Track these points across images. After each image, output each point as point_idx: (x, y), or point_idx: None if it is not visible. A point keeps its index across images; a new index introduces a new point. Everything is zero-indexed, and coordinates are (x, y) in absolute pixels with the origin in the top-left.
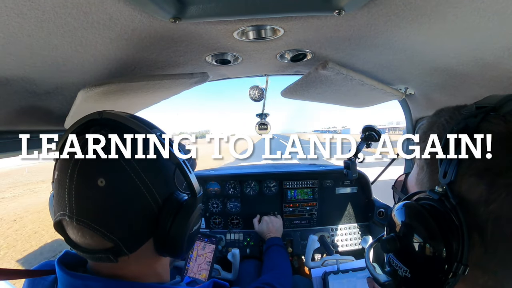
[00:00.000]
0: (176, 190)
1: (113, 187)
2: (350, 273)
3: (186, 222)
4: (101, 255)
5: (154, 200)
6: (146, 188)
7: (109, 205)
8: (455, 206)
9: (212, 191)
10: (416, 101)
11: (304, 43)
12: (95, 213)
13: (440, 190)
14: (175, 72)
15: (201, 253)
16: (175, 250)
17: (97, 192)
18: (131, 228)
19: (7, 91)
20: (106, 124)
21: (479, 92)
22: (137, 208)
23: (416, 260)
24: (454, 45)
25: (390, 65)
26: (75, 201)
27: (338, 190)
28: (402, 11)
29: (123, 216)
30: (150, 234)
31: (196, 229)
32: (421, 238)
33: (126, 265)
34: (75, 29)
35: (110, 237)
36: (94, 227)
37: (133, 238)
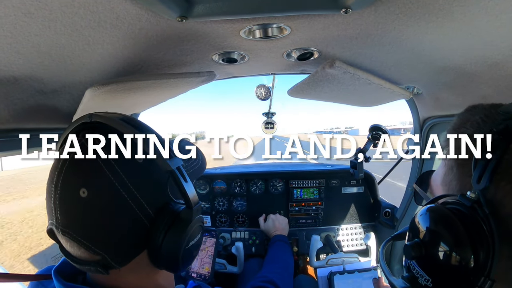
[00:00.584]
0: (170, 201)
1: (96, 198)
2: (356, 274)
3: (179, 237)
4: (90, 267)
5: (143, 212)
6: (133, 199)
7: (93, 217)
8: (488, 215)
9: (218, 189)
10: (424, 100)
11: (311, 41)
12: (78, 225)
13: (473, 196)
14: (182, 71)
15: (202, 247)
16: (170, 266)
17: (80, 203)
18: (118, 241)
19: (15, 89)
20: (96, 128)
21: (487, 92)
22: (124, 220)
23: (440, 270)
24: (462, 44)
25: (398, 64)
26: (59, 211)
27: (345, 189)
28: (409, 10)
29: (108, 229)
30: (142, 247)
31: (194, 244)
32: (448, 247)
33: (122, 277)
34: (82, 28)
35: (95, 251)
36: (78, 240)
37: (121, 252)
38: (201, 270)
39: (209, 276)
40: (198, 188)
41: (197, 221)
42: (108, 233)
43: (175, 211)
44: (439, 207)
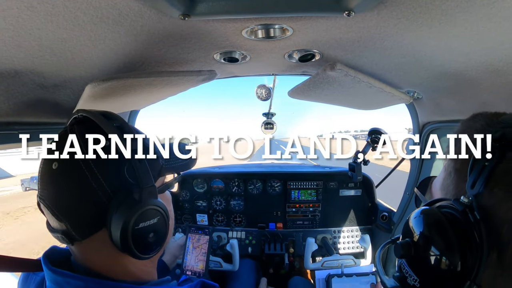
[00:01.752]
0: (128, 183)
1: (63, 171)
2: (354, 278)
3: (126, 215)
4: (57, 235)
5: (101, 189)
6: (92, 176)
7: (59, 187)
8: (478, 221)
9: (216, 188)
10: (424, 105)
11: (313, 43)
12: (50, 194)
13: (466, 201)
14: (183, 69)
15: (196, 245)
16: (124, 247)
17: (51, 174)
18: (78, 213)
19: (16, 83)
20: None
21: (488, 98)
22: (84, 195)
23: (428, 271)
24: (464, 49)
25: (399, 68)
26: (40, 183)
27: (342, 192)
28: (412, 14)
29: (71, 200)
30: (101, 224)
31: (146, 226)
32: (437, 249)
33: (90, 254)
34: (84, 23)
35: (60, 218)
36: (49, 207)
37: (81, 223)
38: (195, 268)
39: (204, 274)
40: (196, 186)
41: (150, 203)
42: (70, 203)
43: (129, 192)
44: (432, 210)
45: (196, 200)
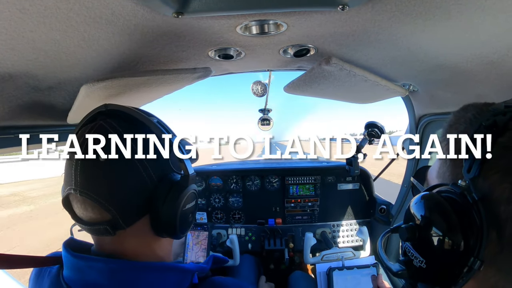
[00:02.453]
0: (171, 171)
1: (113, 163)
2: (355, 270)
3: (176, 200)
4: (100, 227)
5: (149, 177)
6: (142, 166)
7: (108, 178)
8: (476, 201)
9: (214, 186)
10: (420, 98)
11: (308, 38)
12: (96, 185)
13: (463, 185)
14: (177, 67)
15: (196, 241)
16: (169, 227)
17: (99, 167)
18: (127, 201)
19: (10, 86)
20: (110, 114)
21: (483, 90)
22: (134, 183)
23: (433, 252)
24: (459, 42)
25: (394, 62)
26: (80, 175)
27: (340, 186)
28: (406, 7)
29: (121, 189)
30: (145, 210)
31: (189, 207)
32: (440, 230)
33: (125, 242)
34: (78, 24)
35: (108, 208)
36: (95, 198)
37: (129, 211)
38: None
39: None
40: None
41: (192, 188)
42: (119, 192)
43: (174, 179)
44: (432, 194)
45: None
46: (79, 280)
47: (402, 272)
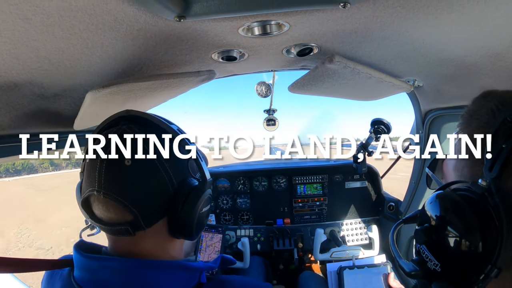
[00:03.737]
0: (189, 176)
1: (138, 167)
2: (366, 269)
3: (195, 204)
4: (121, 227)
5: (170, 181)
6: (164, 170)
7: (132, 181)
8: (497, 204)
9: (222, 187)
10: (425, 93)
11: (310, 37)
12: (120, 187)
13: (484, 184)
14: (181, 70)
15: (209, 243)
16: (185, 229)
17: (124, 170)
18: (149, 203)
19: (16, 95)
20: (132, 120)
21: (488, 83)
22: (156, 186)
23: (449, 255)
24: (462, 35)
25: (398, 57)
26: (104, 177)
27: (348, 184)
28: (408, 2)
29: (143, 192)
30: (165, 212)
31: (205, 211)
32: (457, 233)
33: (141, 242)
34: (81, 32)
35: (131, 209)
36: (118, 199)
37: (150, 213)
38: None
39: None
40: None
41: (208, 192)
42: (143, 194)
43: (192, 184)
44: (450, 194)
45: None
46: (91, 280)
47: (415, 273)
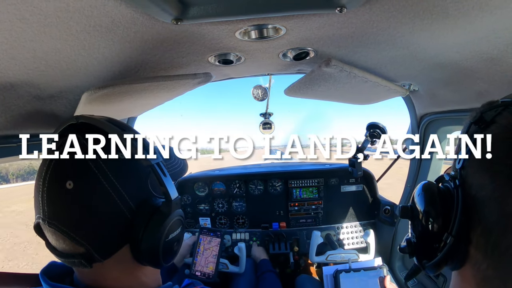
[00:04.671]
0: (151, 195)
1: (81, 190)
2: (362, 272)
3: (159, 229)
4: (74, 260)
5: (125, 205)
6: (116, 192)
7: (77, 208)
8: (458, 186)
9: (218, 191)
10: (420, 97)
11: (307, 41)
12: (64, 216)
13: (453, 174)
14: (178, 73)
15: (207, 247)
16: (152, 260)
17: (66, 194)
18: (101, 233)
19: (12, 96)
20: (82, 129)
21: (484, 87)
22: (107, 212)
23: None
24: (457, 40)
25: (393, 62)
26: (47, 203)
27: (344, 188)
28: (403, 7)
29: (92, 220)
30: (124, 240)
31: (174, 237)
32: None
33: (106, 272)
34: (78, 33)
35: (80, 242)
36: (64, 230)
37: (104, 243)
38: (205, 269)
39: (213, 275)
40: (197, 190)
41: (176, 215)
42: (91, 224)
43: (155, 205)
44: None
45: (198, 203)
46: None
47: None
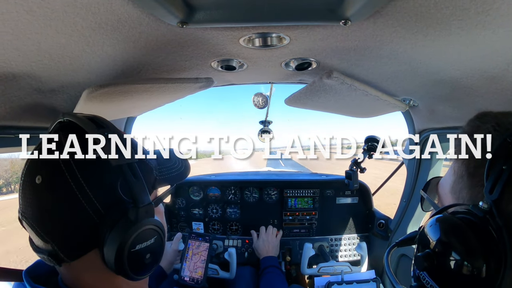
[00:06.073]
0: (121, 200)
1: (47, 186)
2: (355, 285)
3: (121, 238)
4: (44, 256)
5: (91, 207)
6: (81, 192)
7: (44, 205)
8: (501, 227)
9: (212, 196)
10: (420, 112)
11: (310, 52)
12: (33, 211)
13: (485, 207)
14: (180, 76)
15: (196, 251)
16: (117, 269)
17: (35, 189)
18: (66, 233)
19: (13, 86)
20: (66, 126)
21: (484, 105)
22: (73, 213)
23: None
24: (459, 57)
25: (394, 76)
26: (21, 197)
27: (339, 200)
28: (407, 23)
29: (58, 219)
30: (92, 244)
31: (143, 248)
32: (460, 257)
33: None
34: (83, 29)
35: (45, 238)
36: (32, 225)
37: (69, 244)
38: (194, 274)
39: (202, 280)
40: (192, 194)
41: (147, 223)
42: (57, 222)
43: (123, 210)
44: (451, 217)
45: (192, 208)
46: None
47: None
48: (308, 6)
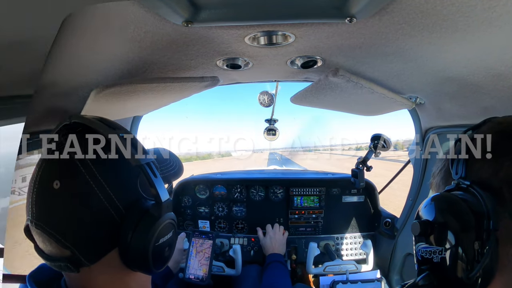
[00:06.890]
0: (141, 197)
1: (67, 190)
2: (359, 284)
3: (148, 233)
4: (61, 264)
5: (113, 206)
6: (103, 193)
7: (63, 209)
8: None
9: (218, 194)
10: (426, 110)
11: (315, 49)
12: (50, 217)
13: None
14: (186, 75)
15: (200, 249)
16: (141, 265)
17: (52, 194)
18: (87, 236)
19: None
20: (74, 128)
21: (490, 103)
22: (94, 214)
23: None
24: (465, 54)
25: (401, 74)
26: (35, 204)
27: (345, 198)
28: (413, 20)
29: (78, 222)
30: (112, 244)
31: (165, 241)
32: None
33: (94, 277)
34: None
35: (65, 244)
36: (50, 232)
37: (91, 247)
38: (198, 272)
39: (206, 278)
40: (198, 192)
41: (167, 218)
42: (78, 226)
43: (144, 207)
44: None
45: (198, 206)
46: None
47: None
48: (313, 4)
